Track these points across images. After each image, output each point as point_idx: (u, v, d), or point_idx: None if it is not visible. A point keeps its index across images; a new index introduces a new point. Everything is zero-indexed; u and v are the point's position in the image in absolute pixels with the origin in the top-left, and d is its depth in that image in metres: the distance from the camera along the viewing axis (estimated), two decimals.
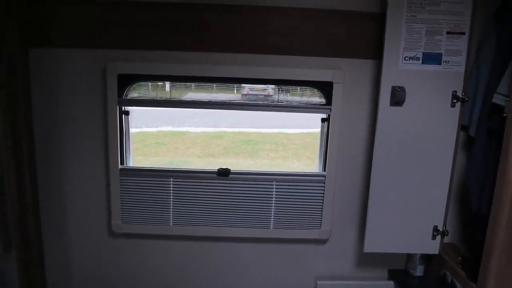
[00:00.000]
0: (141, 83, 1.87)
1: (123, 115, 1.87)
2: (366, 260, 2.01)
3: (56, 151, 1.86)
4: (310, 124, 2.01)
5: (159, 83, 1.90)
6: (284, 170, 2.31)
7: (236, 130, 2.85)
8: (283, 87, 1.90)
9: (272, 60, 1.78)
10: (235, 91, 1.95)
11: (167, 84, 1.91)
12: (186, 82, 1.89)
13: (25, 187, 1.76)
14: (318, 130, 1.95)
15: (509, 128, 1.30)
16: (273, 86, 1.91)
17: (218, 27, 1.73)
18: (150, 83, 1.90)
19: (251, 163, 2.76)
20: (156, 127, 2.94)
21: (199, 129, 2.88)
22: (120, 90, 1.80)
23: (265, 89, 1.95)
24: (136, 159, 2.10)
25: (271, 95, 1.93)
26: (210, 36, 1.75)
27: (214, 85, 1.92)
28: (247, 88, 1.95)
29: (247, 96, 1.97)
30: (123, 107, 1.86)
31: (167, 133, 2.98)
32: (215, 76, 1.80)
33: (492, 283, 1.40)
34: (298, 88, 1.90)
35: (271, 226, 1.93)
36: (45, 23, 1.73)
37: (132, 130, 1.97)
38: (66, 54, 1.77)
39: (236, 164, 1.91)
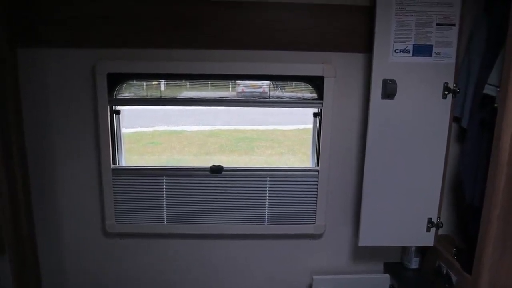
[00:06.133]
0: (132, 82, 1.86)
1: (114, 115, 1.86)
2: (362, 254, 2.01)
3: (47, 152, 1.85)
4: (306, 121, 2.00)
5: (153, 82, 1.89)
6: (277, 165, 2.30)
7: (232, 128, 2.84)
8: (277, 83, 1.89)
9: (263, 56, 1.78)
10: (230, 89, 1.93)
11: (161, 83, 1.90)
12: (177, 80, 1.87)
13: (17, 189, 1.75)
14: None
15: (501, 118, 1.30)
16: (267, 83, 1.90)
17: (207, 24, 1.72)
18: (143, 83, 1.88)
19: (247, 160, 2.75)
20: (151, 126, 2.93)
21: (195, 128, 2.87)
22: (111, 90, 1.79)
23: (260, 86, 1.93)
24: (132, 159, 2.09)
25: (266, 92, 1.92)
26: (199, 33, 1.73)
27: (209, 83, 1.90)
28: (242, 86, 1.94)
29: (242, 94, 1.95)
30: (113, 107, 1.85)
31: (163, 133, 2.97)
32: (206, 73, 1.79)
33: (486, 274, 1.40)
34: (293, 84, 1.89)
35: (266, 222, 1.93)
36: (33, 23, 1.71)
37: (128, 130, 1.96)
38: (56, 54, 1.75)
39: (232, 161, 1.90)
